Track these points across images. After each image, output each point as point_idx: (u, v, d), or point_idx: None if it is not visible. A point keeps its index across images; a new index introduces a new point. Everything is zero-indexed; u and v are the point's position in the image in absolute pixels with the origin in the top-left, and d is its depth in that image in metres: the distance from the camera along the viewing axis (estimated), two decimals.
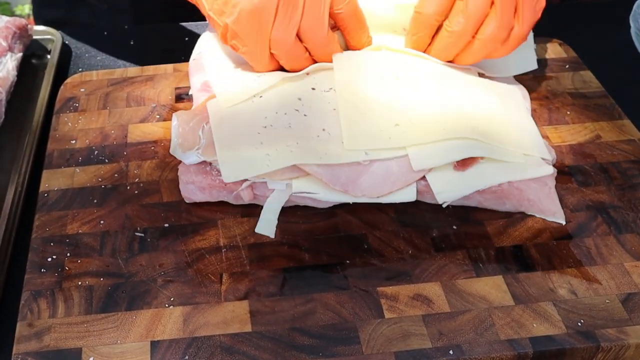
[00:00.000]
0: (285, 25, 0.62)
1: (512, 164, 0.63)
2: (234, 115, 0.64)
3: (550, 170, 0.64)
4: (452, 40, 0.66)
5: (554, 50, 0.82)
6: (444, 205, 0.63)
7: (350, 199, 0.63)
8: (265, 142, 0.62)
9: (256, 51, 0.64)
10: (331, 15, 0.65)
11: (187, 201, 0.64)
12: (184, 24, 0.91)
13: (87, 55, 0.87)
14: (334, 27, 0.69)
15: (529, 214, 0.64)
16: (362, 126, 0.63)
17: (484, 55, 0.67)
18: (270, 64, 0.66)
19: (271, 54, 0.65)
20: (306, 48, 0.66)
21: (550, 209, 0.63)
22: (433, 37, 0.68)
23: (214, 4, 0.64)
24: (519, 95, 0.71)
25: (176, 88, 0.77)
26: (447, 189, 0.63)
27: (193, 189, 0.63)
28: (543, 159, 0.64)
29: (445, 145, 0.63)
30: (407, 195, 0.63)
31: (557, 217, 0.63)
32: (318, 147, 0.62)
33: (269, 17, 0.62)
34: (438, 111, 0.65)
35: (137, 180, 0.67)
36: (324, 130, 0.63)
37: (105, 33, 0.90)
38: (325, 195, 0.63)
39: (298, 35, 0.64)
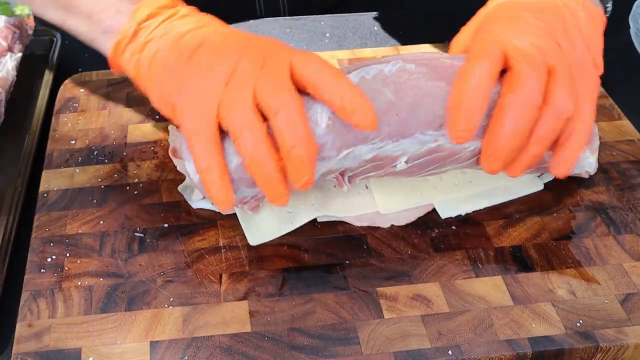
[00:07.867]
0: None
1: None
2: None
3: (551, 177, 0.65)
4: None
5: None
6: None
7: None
8: None
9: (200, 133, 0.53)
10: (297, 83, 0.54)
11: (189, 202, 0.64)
12: None
13: (87, 55, 0.87)
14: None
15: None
16: (393, 187, 0.63)
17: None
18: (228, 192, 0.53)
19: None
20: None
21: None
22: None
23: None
24: None
25: None
26: (452, 207, 0.63)
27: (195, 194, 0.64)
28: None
29: (473, 195, 0.64)
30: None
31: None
32: (338, 197, 0.62)
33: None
34: None
35: (136, 180, 0.67)
36: None
37: None
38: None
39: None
